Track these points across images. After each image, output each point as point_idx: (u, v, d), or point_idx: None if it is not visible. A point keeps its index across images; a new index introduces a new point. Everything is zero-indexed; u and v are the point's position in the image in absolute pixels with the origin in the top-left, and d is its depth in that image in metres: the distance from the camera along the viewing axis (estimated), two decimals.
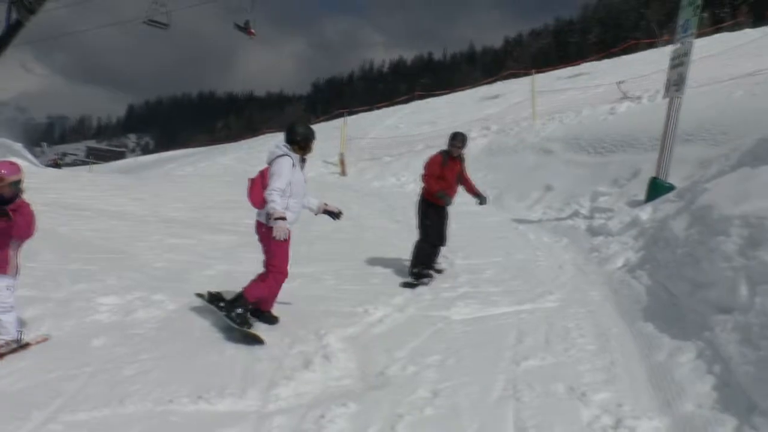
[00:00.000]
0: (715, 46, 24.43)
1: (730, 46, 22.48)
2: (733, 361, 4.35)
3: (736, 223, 5.68)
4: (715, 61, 18.97)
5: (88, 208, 12.57)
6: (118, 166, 54.83)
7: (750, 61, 18.00)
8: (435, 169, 8.37)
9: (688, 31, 10.01)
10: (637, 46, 40.61)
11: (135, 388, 4.59)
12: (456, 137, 8.45)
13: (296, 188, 5.95)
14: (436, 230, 8.46)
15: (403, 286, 7.94)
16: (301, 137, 6.11)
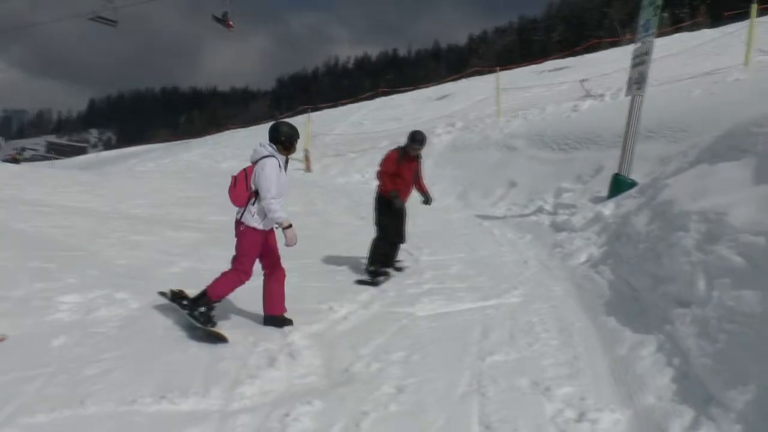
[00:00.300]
0: (675, 45, 24.86)
1: (690, 45, 22.89)
2: (691, 354, 4.42)
3: (694, 219, 5.77)
4: (675, 60, 19.30)
5: (48, 204, 12.32)
6: (80, 161, 54.05)
7: (708, 61, 18.39)
8: (390, 167, 8.22)
9: (648, 30, 10.16)
10: (600, 44, 41.15)
11: (96, 389, 4.49)
12: (415, 139, 8.22)
13: (281, 189, 5.85)
14: (393, 228, 8.34)
15: (358, 284, 7.86)
16: (285, 137, 5.95)
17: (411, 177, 8.39)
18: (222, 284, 5.90)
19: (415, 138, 8.20)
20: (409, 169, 8.30)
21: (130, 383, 4.62)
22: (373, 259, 8.22)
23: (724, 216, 5.30)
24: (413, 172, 8.42)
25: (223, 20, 31.41)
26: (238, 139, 38.82)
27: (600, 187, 10.97)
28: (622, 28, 50.70)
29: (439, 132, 21.76)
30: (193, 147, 39.54)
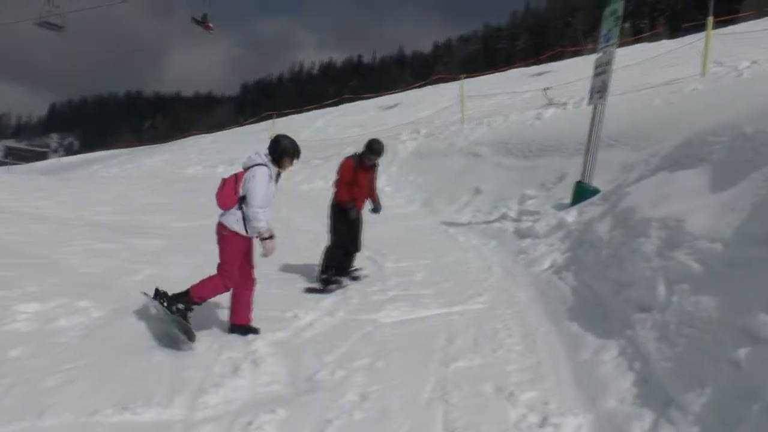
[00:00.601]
0: (636, 55, 25.23)
1: (650, 55, 23.25)
2: (651, 358, 4.48)
3: (655, 225, 5.85)
4: (635, 70, 19.58)
5: (6, 211, 12.05)
6: (40, 167, 53.13)
7: (667, 71, 18.67)
8: (347, 175, 8.15)
9: (610, 40, 10.26)
10: (563, 53, 41.65)
11: (56, 400, 4.41)
12: (372, 149, 8.10)
13: (268, 199, 5.87)
14: (347, 236, 8.26)
15: (307, 292, 7.78)
16: (280, 151, 5.93)
17: (367, 185, 8.33)
18: (206, 286, 5.87)
19: (372, 148, 8.09)
20: (365, 177, 8.23)
21: (91, 394, 4.55)
22: (325, 267, 8.10)
23: (683, 223, 5.39)
24: (369, 181, 8.35)
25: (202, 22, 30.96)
26: (203, 145, 38.60)
27: (563, 194, 11.05)
28: (584, 38, 51.47)
29: (404, 139, 21.83)
30: (157, 153, 39.18)
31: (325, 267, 8.10)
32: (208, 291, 5.87)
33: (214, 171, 26.84)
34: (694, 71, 16.53)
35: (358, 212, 8.23)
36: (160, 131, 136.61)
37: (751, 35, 20.53)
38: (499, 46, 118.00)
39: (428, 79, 45.05)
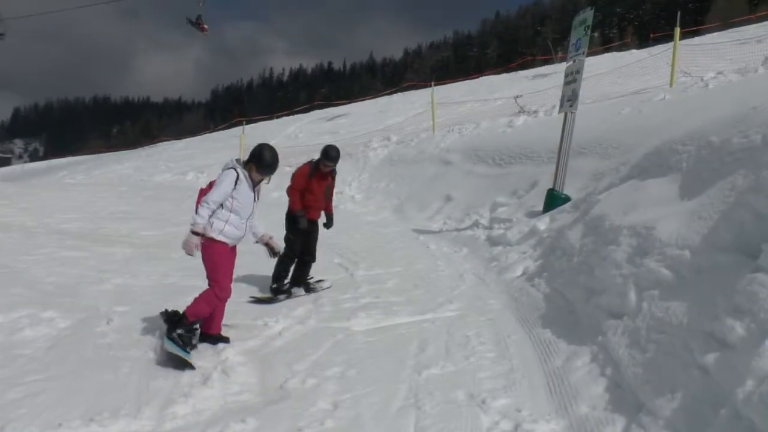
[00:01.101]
0: (605, 64, 25.57)
1: (619, 65, 23.56)
2: (623, 364, 4.52)
3: (625, 233, 5.91)
4: (605, 79, 19.83)
5: None
6: (3, 173, 52.19)
7: (636, 80, 18.93)
8: (300, 182, 7.96)
9: (580, 49, 10.34)
10: (534, 61, 42.07)
11: (20, 413, 4.33)
12: (329, 155, 7.86)
13: (241, 206, 5.77)
14: (301, 245, 8.06)
15: (253, 302, 7.55)
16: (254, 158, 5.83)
17: (322, 193, 8.11)
18: (198, 303, 5.73)
19: (329, 155, 7.87)
20: (320, 185, 8.03)
21: (57, 406, 4.47)
22: (277, 277, 7.92)
23: (653, 230, 5.45)
24: (325, 188, 8.13)
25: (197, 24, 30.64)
26: (173, 152, 38.29)
27: (535, 201, 11.13)
28: (554, 47, 51.98)
29: (375, 146, 21.87)
30: (125, 159, 38.77)
31: (276, 277, 7.92)
32: (202, 306, 5.71)
33: (183, 178, 26.63)
34: (662, 81, 16.81)
35: (310, 222, 8.01)
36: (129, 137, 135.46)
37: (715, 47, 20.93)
38: (470, 54, 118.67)
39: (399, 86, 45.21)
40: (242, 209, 5.79)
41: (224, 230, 5.73)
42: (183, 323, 5.62)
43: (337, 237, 8.10)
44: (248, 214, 5.87)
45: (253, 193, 5.86)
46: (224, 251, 5.79)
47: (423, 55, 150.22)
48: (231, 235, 5.78)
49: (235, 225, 5.80)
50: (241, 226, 5.87)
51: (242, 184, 5.75)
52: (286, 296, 7.77)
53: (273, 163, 5.86)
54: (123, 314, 6.57)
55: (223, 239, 5.73)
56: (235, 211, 5.77)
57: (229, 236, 5.77)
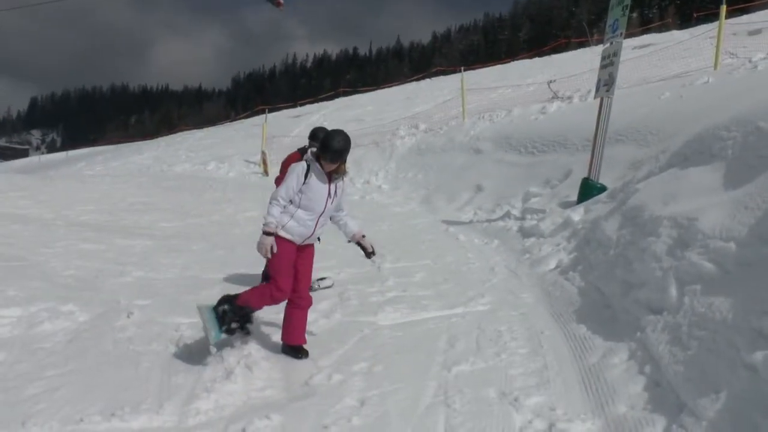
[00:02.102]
0: (646, 46, 25.05)
1: (659, 47, 23.04)
2: (663, 362, 4.39)
3: (665, 224, 5.77)
4: (644, 61, 19.37)
5: None
6: (21, 165, 52.92)
7: (676, 63, 18.48)
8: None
9: (617, 30, 10.08)
10: (568, 44, 41.60)
11: (40, 408, 4.26)
12: (317, 138, 6.90)
13: (311, 201, 5.33)
14: None
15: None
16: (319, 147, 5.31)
17: None
18: (252, 292, 5.47)
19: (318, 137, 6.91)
20: None
21: (77, 401, 4.40)
22: (267, 277, 7.32)
23: (695, 221, 5.31)
24: None
25: None
26: (192, 141, 38.42)
27: (569, 191, 10.94)
28: (590, 28, 51.13)
29: (402, 134, 21.69)
30: (144, 149, 38.95)
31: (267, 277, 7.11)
32: (254, 298, 5.41)
33: (204, 168, 26.68)
34: (705, 63, 16.35)
35: None
36: (148, 127, 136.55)
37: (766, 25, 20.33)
38: (501, 37, 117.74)
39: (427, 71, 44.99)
40: (312, 205, 5.34)
41: (287, 226, 5.35)
42: (232, 301, 5.37)
43: (364, 228, 7.95)
44: (320, 210, 5.38)
45: (327, 187, 5.38)
46: (286, 249, 5.37)
47: (452, 39, 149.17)
48: (294, 231, 5.36)
49: (301, 221, 5.36)
50: (309, 224, 5.40)
51: (313, 178, 5.32)
52: None
53: (336, 145, 5.22)
54: (143, 308, 6.50)
55: (285, 235, 5.34)
56: (303, 207, 5.34)
57: (293, 233, 5.36)
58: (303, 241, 5.46)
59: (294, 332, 5.58)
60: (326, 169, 5.30)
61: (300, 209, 5.34)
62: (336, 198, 5.49)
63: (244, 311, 5.41)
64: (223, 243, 10.35)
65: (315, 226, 5.43)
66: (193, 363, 5.19)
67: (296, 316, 5.59)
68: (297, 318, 5.60)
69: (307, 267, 5.61)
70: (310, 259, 5.66)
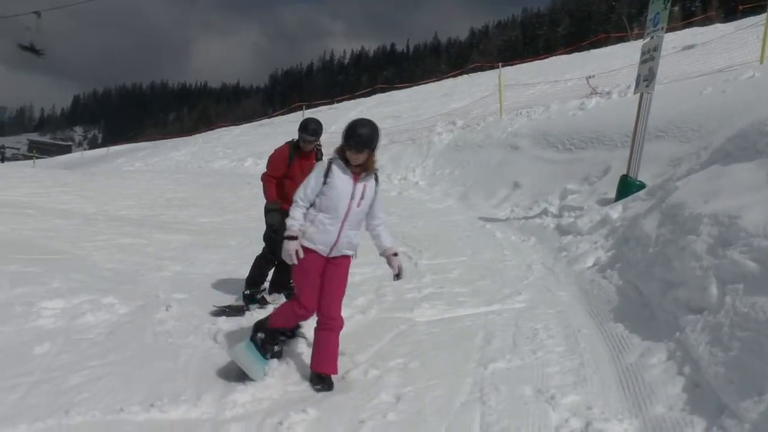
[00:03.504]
0: (686, 40, 24.61)
1: (701, 40, 22.57)
2: (703, 362, 4.30)
3: (706, 222, 5.65)
4: (685, 56, 19.02)
5: (29, 206, 12.08)
6: (64, 160, 53.81)
7: (719, 57, 18.10)
8: (279, 167, 6.60)
9: (658, 24, 9.94)
10: (608, 39, 41.00)
11: (82, 398, 4.34)
12: (308, 129, 6.50)
13: (331, 202, 4.78)
14: None
15: (216, 314, 6.29)
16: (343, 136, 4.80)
17: None
18: (279, 314, 5.04)
19: (308, 128, 6.53)
20: (303, 169, 6.48)
21: (118, 391, 4.48)
22: (251, 281, 6.78)
23: (737, 219, 5.20)
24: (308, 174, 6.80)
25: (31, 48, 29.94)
26: (230, 138, 38.74)
27: (607, 188, 10.83)
28: (630, 23, 50.18)
29: (440, 131, 21.58)
30: (182, 146, 39.34)
31: (251, 281, 6.79)
32: (280, 318, 5.01)
33: (241, 165, 26.86)
34: (750, 57, 15.96)
35: (277, 218, 6.42)
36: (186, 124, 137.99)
37: None
38: (539, 33, 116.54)
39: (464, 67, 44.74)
40: (332, 207, 4.77)
41: (308, 232, 4.82)
42: (265, 327, 5.05)
43: (401, 225, 7.90)
44: (342, 213, 4.77)
45: (352, 186, 4.79)
46: (309, 260, 4.82)
47: (490, 34, 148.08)
48: (315, 238, 4.80)
49: (321, 226, 4.80)
50: (330, 229, 4.79)
51: (334, 176, 4.77)
52: (259, 305, 6.69)
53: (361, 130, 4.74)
54: (181, 301, 6.55)
55: (307, 244, 4.81)
56: (324, 210, 4.79)
57: (314, 240, 4.81)
58: (330, 252, 4.86)
59: (317, 358, 4.93)
60: (352, 162, 4.74)
61: (321, 212, 4.80)
62: (363, 201, 4.83)
63: (280, 333, 5.17)
64: (259, 239, 10.40)
65: (339, 233, 4.80)
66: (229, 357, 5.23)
67: (322, 340, 4.94)
68: (322, 341, 4.94)
69: (335, 283, 4.95)
70: (342, 275, 5.00)
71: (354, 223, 4.86)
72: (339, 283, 4.97)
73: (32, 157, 58.99)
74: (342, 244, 4.85)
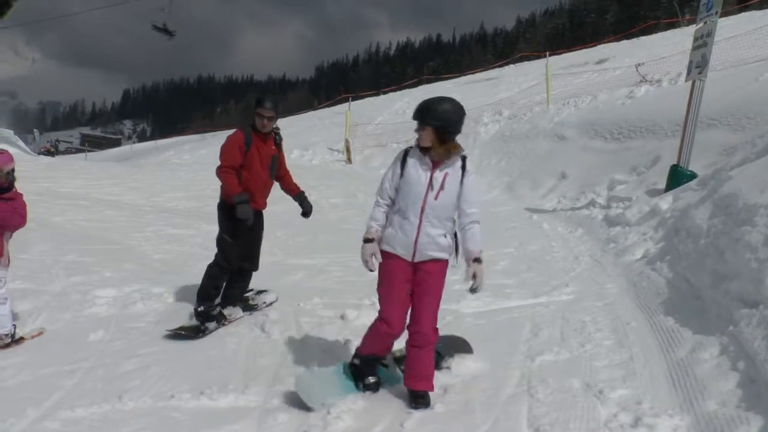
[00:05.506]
0: (742, 25, 23.89)
1: (758, 25, 21.89)
2: (758, 358, 4.17)
3: (762, 213, 5.49)
4: (740, 41, 18.50)
5: (82, 198, 12.39)
6: (114, 153, 54.98)
7: None
8: (235, 156, 5.65)
9: (711, 9, 9.68)
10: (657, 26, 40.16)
11: (134, 384, 4.49)
12: (264, 100, 5.68)
13: (407, 197, 4.21)
14: (240, 249, 5.90)
15: (172, 336, 5.45)
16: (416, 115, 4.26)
17: (266, 170, 5.91)
18: (366, 338, 4.47)
19: (264, 100, 5.70)
20: (263, 157, 5.82)
21: (168, 379, 4.61)
22: (204, 295, 5.80)
23: None
24: (269, 163, 5.92)
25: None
26: None
27: (657, 179, 10.61)
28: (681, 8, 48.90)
29: (486, 121, 21.41)
30: None
31: (204, 296, 5.81)
32: (370, 344, 4.45)
33: (287, 156, 26.96)
34: None
35: (249, 210, 5.64)
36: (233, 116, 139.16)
37: None
38: (586, 20, 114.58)
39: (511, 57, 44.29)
40: (408, 201, 4.20)
41: (386, 234, 4.31)
42: (359, 354, 4.50)
43: None
44: (417, 207, 4.16)
45: (429, 175, 4.19)
46: (390, 267, 4.29)
47: (537, 23, 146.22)
48: (393, 240, 4.25)
49: (398, 226, 4.25)
50: (407, 228, 4.19)
51: (409, 166, 4.24)
52: (217, 324, 5.77)
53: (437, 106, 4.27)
54: None
55: (386, 248, 4.30)
56: (402, 206, 4.24)
57: (392, 243, 4.26)
58: (414, 256, 4.23)
59: (410, 374, 4.35)
60: (421, 143, 4.21)
61: (399, 210, 4.26)
62: (444, 192, 4.16)
63: (374, 357, 4.50)
64: (306, 229, 10.47)
65: (417, 232, 4.17)
66: (277, 346, 5.31)
67: (414, 357, 4.33)
68: (415, 358, 4.34)
69: (425, 293, 4.28)
70: (433, 283, 4.30)
71: (436, 219, 4.18)
72: (429, 293, 4.28)
73: (84, 151, 60.37)
74: (424, 246, 4.18)
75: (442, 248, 4.23)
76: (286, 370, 4.80)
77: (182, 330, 5.49)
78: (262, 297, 6.41)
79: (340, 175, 19.41)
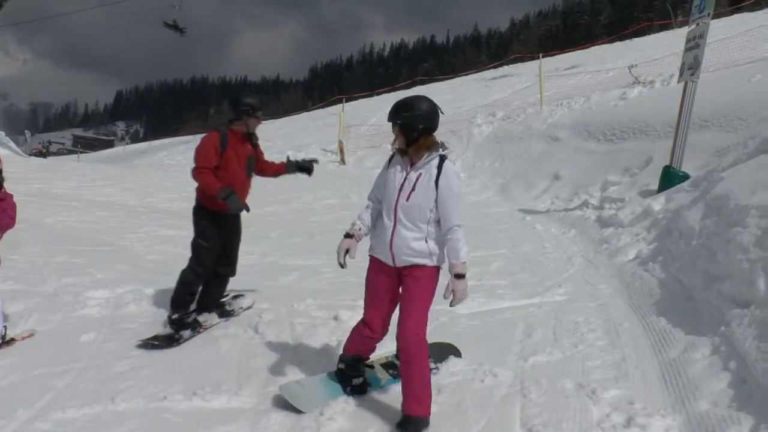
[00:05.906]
0: (735, 27, 23.98)
1: (750, 27, 21.96)
2: (750, 358, 4.20)
3: (753, 214, 5.52)
4: (732, 43, 18.57)
5: (75, 199, 12.39)
6: (107, 155, 54.87)
7: None
8: (211, 157, 5.53)
9: (704, 11, 9.72)
10: (650, 27, 40.35)
11: (126, 385, 4.47)
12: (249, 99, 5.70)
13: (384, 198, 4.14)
14: (216, 253, 5.75)
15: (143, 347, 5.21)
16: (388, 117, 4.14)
17: (244, 170, 5.79)
18: (349, 337, 4.51)
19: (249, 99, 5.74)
20: (239, 158, 5.70)
21: (161, 380, 4.59)
22: (178, 302, 5.56)
23: None
24: (246, 163, 5.81)
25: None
26: (270, 131, 38.93)
27: (649, 180, 10.66)
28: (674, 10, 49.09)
29: (479, 122, 21.43)
30: None
31: (178, 303, 5.57)
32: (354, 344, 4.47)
33: (281, 158, 26.94)
34: None
35: (240, 202, 5.55)
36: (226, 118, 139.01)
37: None
38: (580, 22, 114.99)
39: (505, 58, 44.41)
40: (384, 205, 4.13)
41: (371, 238, 4.29)
42: (343, 353, 4.52)
43: None
44: (391, 210, 4.04)
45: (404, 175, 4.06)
46: (372, 271, 4.28)
47: (530, 25, 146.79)
48: (374, 245, 4.22)
49: (378, 228, 4.19)
50: (383, 230, 4.10)
51: (390, 168, 4.17)
52: (192, 332, 5.55)
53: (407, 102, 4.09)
54: None
55: (371, 253, 4.27)
56: (381, 210, 4.18)
57: (373, 247, 4.23)
58: (393, 260, 4.06)
59: (403, 395, 4.05)
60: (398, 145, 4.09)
61: (380, 212, 4.19)
62: (415, 193, 3.96)
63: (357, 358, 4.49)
64: (300, 230, 10.48)
65: (391, 234, 4.02)
66: (270, 347, 5.29)
67: (402, 373, 4.07)
68: (403, 376, 4.06)
69: (406, 299, 4.07)
70: (416, 289, 4.04)
71: (410, 221, 3.97)
72: (412, 299, 4.02)
73: (77, 152, 60.21)
74: (400, 249, 3.99)
75: (420, 253, 3.98)
76: (279, 371, 4.79)
77: (156, 339, 5.31)
78: (239, 302, 6.26)
79: (334, 176, 19.41)
